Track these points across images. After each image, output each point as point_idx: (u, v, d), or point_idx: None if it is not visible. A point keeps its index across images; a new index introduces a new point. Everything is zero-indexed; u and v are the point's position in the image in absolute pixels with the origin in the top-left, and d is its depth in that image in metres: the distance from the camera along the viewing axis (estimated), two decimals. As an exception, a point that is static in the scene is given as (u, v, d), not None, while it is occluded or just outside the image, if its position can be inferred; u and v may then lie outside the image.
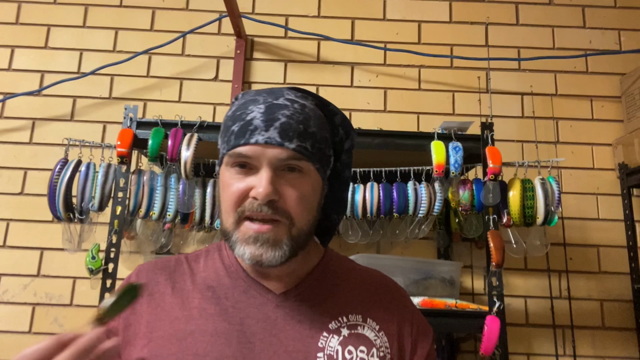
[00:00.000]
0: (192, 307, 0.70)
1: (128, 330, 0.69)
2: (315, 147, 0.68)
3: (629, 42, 1.97)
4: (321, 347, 0.67)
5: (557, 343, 1.64)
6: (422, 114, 1.90)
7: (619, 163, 1.82)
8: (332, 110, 0.75)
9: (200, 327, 0.67)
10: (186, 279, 0.74)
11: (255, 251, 0.65)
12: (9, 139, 1.85)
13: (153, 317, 0.69)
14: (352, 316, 0.72)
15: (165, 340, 0.67)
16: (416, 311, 0.79)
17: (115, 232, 1.28)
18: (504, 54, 1.94)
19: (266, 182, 0.63)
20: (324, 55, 1.95)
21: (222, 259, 0.76)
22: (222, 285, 0.72)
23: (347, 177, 0.79)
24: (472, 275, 1.77)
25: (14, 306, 1.71)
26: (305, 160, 0.67)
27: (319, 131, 0.69)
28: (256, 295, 0.71)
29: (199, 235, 1.65)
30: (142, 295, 0.71)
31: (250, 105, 0.68)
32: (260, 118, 0.66)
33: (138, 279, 0.74)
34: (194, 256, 0.78)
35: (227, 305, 0.70)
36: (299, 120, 0.67)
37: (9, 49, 1.92)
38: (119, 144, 1.30)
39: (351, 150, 0.79)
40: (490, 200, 1.31)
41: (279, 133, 0.65)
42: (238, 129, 0.66)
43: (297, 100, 0.69)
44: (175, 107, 1.88)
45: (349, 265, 0.81)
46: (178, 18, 1.97)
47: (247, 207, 0.65)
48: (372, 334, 0.71)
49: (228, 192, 0.67)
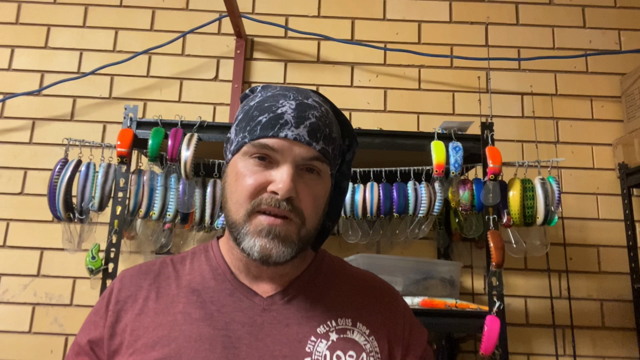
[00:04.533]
0: (176, 312, 0.68)
1: (114, 340, 0.68)
2: (334, 152, 0.69)
3: (629, 42, 1.97)
4: (309, 351, 0.66)
5: (557, 343, 1.64)
6: (422, 114, 1.90)
7: (619, 163, 1.82)
8: (343, 121, 0.75)
9: (184, 332, 0.66)
10: (171, 283, 0.72)
11: (267, 244, 0.63)
12: (9, 139, 1.85)
13: (137, 324, 0.68)
14: (342, 320, 0.70)
15: (149, 348, 0.65)
16: (408, 313, 0.77)
17: (115, 232, 1.28)
18: (504, 54, 1.94)
19: (288, 179, 0.63)
20: (324, 55, 1.95)
21: (209, 260, 0.74)
22: (208, 288, 0.70)
23: (344, 187, 0.78)
24: (472, 275, 1.77)
25: (14, 306, 1.71)
26: (326, 164, 0.67)
27: (337, 137, 0.70)
28: (242, 298, 0.69)
29: (199, 235, 1.65)
30: (127, 302, 0.70)
31: (281, 100, 0.67)
32: (291, 114, 0.65)
33: (122, 285, 0.72)
34: (179, 258, 0.76)
35: (213, 310, 0.68)
36: (326, 123, 0.67)
37: (9, 49, 1.92)
38: (119, 144, 1.30)
39: (351, 161, 0.78)
40: (490, 200, 1.31)
41: (308, 132, 0.65)
42: (267, 120, 0.65)
43: (323, 104, 0.70)
44: (175, 107, 1.88)
45: (341, 267, 0.80)
46: (178, 18, 1.97)
47: (264, 201, 0.64)
48: (361, 339, 0.69)
49: (243, 182, 0.65)
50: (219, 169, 1.37)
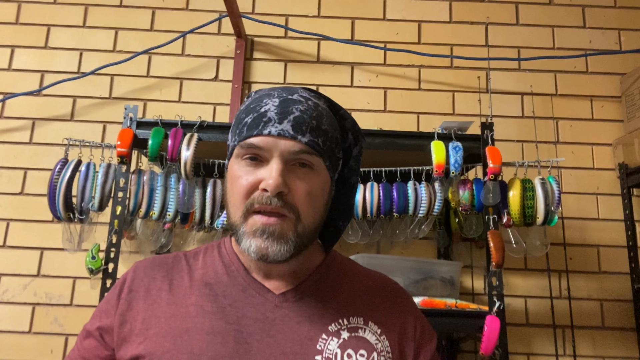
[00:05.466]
0: (188, 304, 0.69)
1: (124, 327, 0.69)
2: (327, 144, 0.68)
3: (629, 42, 1.97)
4: (319, 349, 0.66)
5: (557, 343, 1.64)
6: (422, 114, 1.90)
7: (619, 163, 1.82)
8: (342, 115, 0.75)
9: (196, 325, 0.66)
10: (184, 276, 0.73)
11: (262, 244, 0.64)
12: (9, 139, 1.85)
13: (149, 313, 0.69)
14: (353, 319, 0.70)
15: (161, 337, 0.66)
16: (420, 315, 0.77)
17: (115, 232, 1.28)
18: (504, 54, 1.94)
19: (276, 174, 0.63)
20: (324, 55, 1.95)
21: (222, 256, 0.75)
22: (221, 282, 0.71)
23: (354, 183, 0.78)
24: (472, 275, 1.77)
25: (14, 306, 1.71)
26: (317, 156, 0.66)
27: (330, 130, 0.69)
28: (255, 294, 0.70)
29: (199, 235, 1.65)
30: (139, 291, 0.71)
31: (265, 99, 0.68)
32: (274, 111, 0.66)
33: (135, 275, 0.73)
34: (192, 253, 0.78)
35: (225, 304, 0.69)
36: (312, 116, 0.67)
37: (9, 49, 1.92)
38: (119, 144, 1.30)
39: (359, 156, 0.78)
40: (490, 200, 1.31)
41: (292, 126, 0.65)
42: (251, 121, 0.66)
43: (310, 99, 0.70)
44: (175, 107, 1.88)
45: (352, 267, 0.80)
46: (178, 18, 1.97)
47: (256, 199, 0.64)
48: (373, 338, 0.69)
49: (237, 184, 0.66)
50: (219, 169, 1.37)
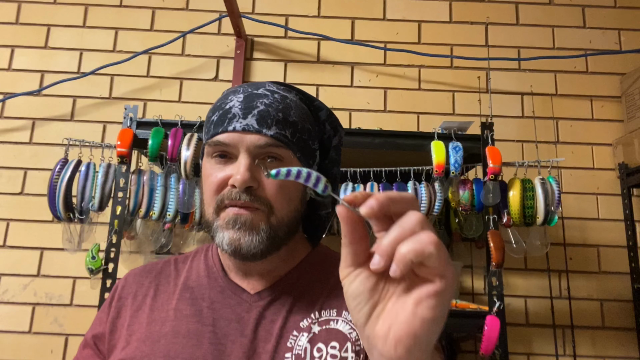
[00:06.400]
0: (169, 308, 0.70)
1: (114, 335, 0.70)
2: (296, 136, 0.67)
3: (629, 42, 1.97)
4: (290, 347, 0.65)
5: (557, 343, 1.64)
6: (422, 114, 1.90)
7: (619, 163, 1.82)
8: (317, 106, 0.74)
9: (174, 328, 0.67)
10: (170, 281, 0.74)
11: (234, 235, 0.64)
12: (9, 139, 1.85)
13: (134, 319, 0.70)
14: (326, 311, 0.69)
15: (141, 343, 0.66)
16: None
17: (115, 232, 1.28)
18: (504, 54, 1.94)
19: (244, 169, 0.63)
20: (324, 55, 1.95)
21: (207, 259, 0.76)
22: (201, 285, 0.72)
23: (335, 174, 0.78)
24: (472, 275, 1.77)
25: (14, 306, 1.71)
26: (284, 148, 0.66)
27: (300, 121, 0.68)
28: (232, 295, 0.70)
29: (199, 235, 1.65)
30: (127, 299, 0.73)
31: (230, 96, 0.69)
32: (238, 107, 0.66)
33: (125, 282, 0.75)
34: (183, 257, 0.78)
35: (203, 306, 0.69)
36: (278, 108, 0.67)
37: (9, 49, 1.92)
38: (119, 143, 1.30)
39: (339, 147, 0.78)
40: (490, 200, 1.31)
41: (257, 120, 0.65)
42: (217, 118, 0.67)
43: (277, 92, 0.69)
44: (175, 107, 1.88)
45: (336, 260, 0.79)
46: (178, 18, 1.97)
47: (225, 195, 0.65)
48: (346, 327, 0.68)
49: (208, 182, 0.67)
50: (219, 169, 1.37)
